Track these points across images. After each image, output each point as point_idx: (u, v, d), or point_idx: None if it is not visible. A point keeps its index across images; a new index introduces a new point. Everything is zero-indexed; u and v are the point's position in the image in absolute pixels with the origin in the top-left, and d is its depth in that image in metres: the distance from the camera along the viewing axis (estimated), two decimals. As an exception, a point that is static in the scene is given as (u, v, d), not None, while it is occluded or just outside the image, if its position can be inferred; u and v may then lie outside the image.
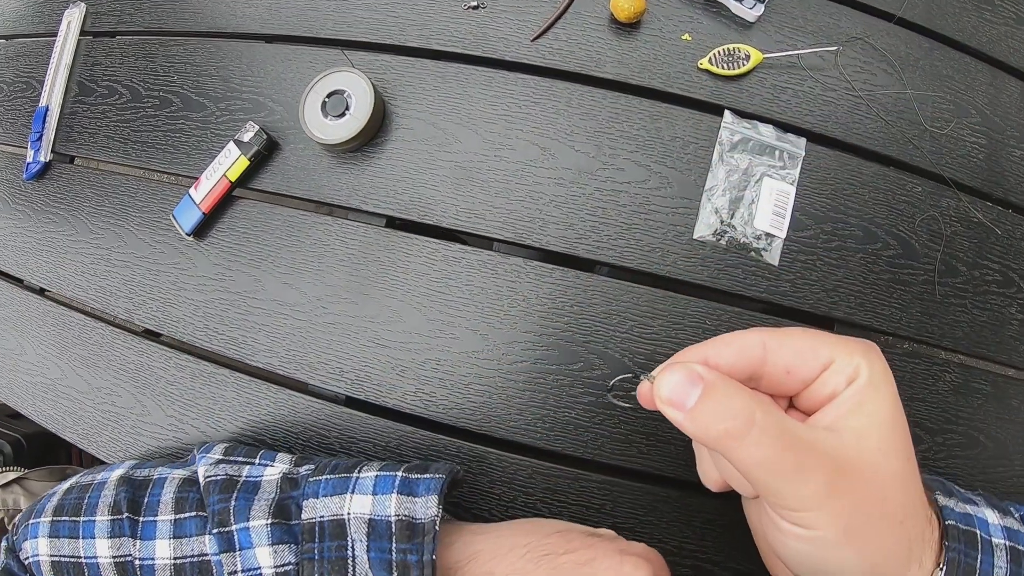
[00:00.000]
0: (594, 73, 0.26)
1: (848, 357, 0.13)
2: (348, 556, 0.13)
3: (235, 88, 0.28)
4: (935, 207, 0.26)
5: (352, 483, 0.15)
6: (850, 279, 0.25)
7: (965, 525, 0.15)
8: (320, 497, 0.15)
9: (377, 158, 0.26)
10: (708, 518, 0.23)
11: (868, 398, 0.13)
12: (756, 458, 0.12)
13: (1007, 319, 0.26)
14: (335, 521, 0.14)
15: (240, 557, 0.15)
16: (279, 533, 0.15)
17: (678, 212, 0.25)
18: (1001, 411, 0.25)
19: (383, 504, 0.14)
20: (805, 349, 0.13)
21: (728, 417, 0.12)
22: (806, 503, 0.12)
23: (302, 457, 0.18)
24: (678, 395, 0.12)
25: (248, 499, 0.15)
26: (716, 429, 0.12)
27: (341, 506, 0.14)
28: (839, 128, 0.26)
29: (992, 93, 0.27)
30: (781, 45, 0.26)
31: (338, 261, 0.26)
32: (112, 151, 0.30)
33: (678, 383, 0.12)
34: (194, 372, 0.26)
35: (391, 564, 0.13)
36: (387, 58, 0.27)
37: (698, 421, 0.12)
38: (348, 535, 0.14)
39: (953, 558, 0.14)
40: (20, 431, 0.43)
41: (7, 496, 0.38)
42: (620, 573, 0.14)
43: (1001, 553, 0.15)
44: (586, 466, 0.23)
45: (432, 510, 0.14)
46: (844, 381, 0.13)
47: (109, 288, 0.29)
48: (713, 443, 0.12)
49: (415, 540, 0.13)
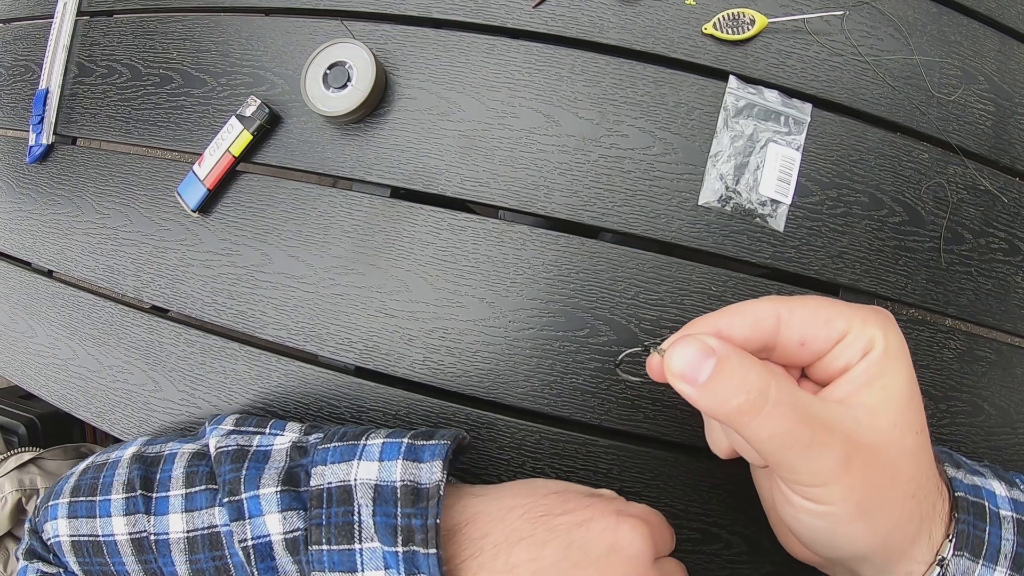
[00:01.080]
0: (597, 39, 0.26)
1: (863, 328, 0.13)
2: (354, 521, 0.13)
3: (235, 63, 0.29)
4: (941, 174, 0.26)
5: (359, 450, 0.15)
6: (855, 245, 0.25)
7: (974, 497, 0.15)
8: (328, 464, 0.15)
9: (380, 129, 0.27)
10: (714, 482, 0.23)
11: (882, 372, 0.13)
12: (769, 432, 0.12)
13: (1013, 287, 0.26)
14: (342, 487, 0.14)
15: (250, 525, 0.15)
16: (288, 500, 0.15)
17: (683, 178, 0.25)
18: (1005, 379, 0.25)
19: (389, 470, 0.14)
20: (819, 320, 0.13)
21: (742, 391, 0.12)
22: (819, 478, 0.12)
23: (312, 426, 0.19)
24: (690, 369, 0.12)
25: (259, 468, 0.16)
26: (730, 404, 0.12)
27: (348, 472, 0.14)
28: (845, 94, 0.26)
29: (1001, 60, 0.27)
30: (787, 9, 0.26)
31: (344, 233, 0.26)
32: (114, 131, 0.31)
33: (690, 356, 0.12)
34: (204, 347, 0.27)
35: (396, 528, 0.13)
36: (388, 27, 0.27)
37: (711, 395, 0.12)
38: (355, 500, 0.14)
39: (963, 530, 0.14)
40: (34, 412, 0.44)
41: (24, 476, 0.39)
42: (616, 534, 0.14)
43: (1009, 525, 0.15)
44: (593, 431, 0.24)
45: (436, 475, 0.14)
46: (858, 353, 0.13)
47: (117, 267, 0.29)
48: (725, 418, 0.12)
49: (419, 505, 0.13)
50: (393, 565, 0.13)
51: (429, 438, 0.15)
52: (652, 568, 0.14)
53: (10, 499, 0.39)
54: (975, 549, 0.14)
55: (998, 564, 0.14)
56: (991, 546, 0.14)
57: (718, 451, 0.17)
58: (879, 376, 0.13)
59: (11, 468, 0.40)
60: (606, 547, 0.14)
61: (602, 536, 0.14)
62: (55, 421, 0.45)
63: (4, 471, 0.40)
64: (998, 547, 0.14)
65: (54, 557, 0.17)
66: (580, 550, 0.13)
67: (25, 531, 0.18)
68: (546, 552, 0.13)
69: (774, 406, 0.12)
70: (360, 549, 0.14)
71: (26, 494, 0.39)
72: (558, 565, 0.13)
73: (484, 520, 0.15)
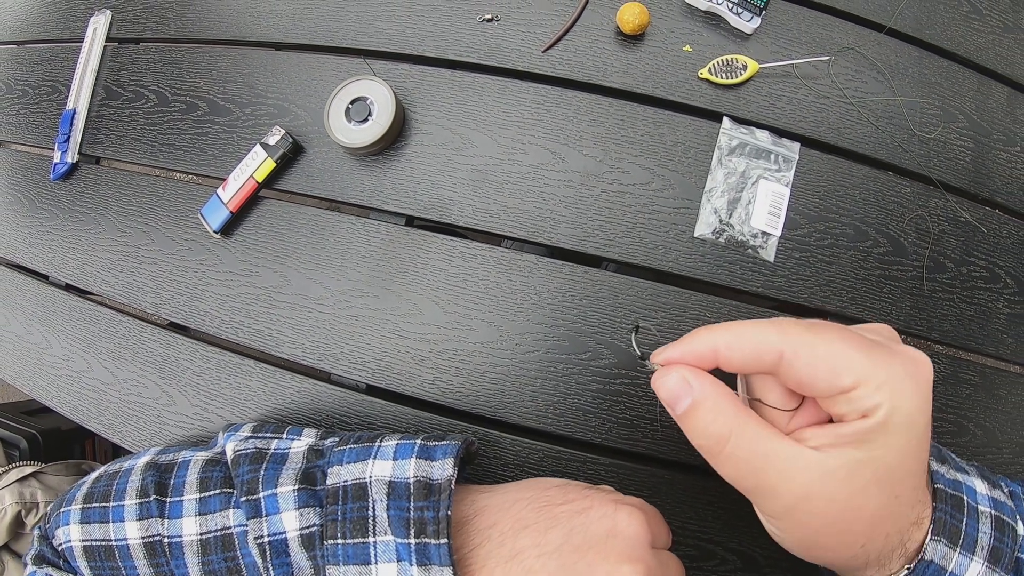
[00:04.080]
0: (601, 82, 0.29)
1: (874, 392, 0.12)
2: (368, 516, 0.14)
3: (261, 94, 0.32)
4: (923, 207, 0.29)
5: (374, 450, 0.16)
6: (842, 275, 0.28)
7: (953, 490, 0.16)
8: (344, 464, 0.16)
9: (397, 161, 0.29)
10: (710, 500, 0.26)
11: (870, 442, 0.13)
12: (725, 473, 0.14)
13: (994, 313, 0.29)
14: (357, 484, 0.15)
15: (266, 522, 0.15)
16: (305, 497, 0.16)
17: (680, 212, 0.28)
18: (989, 401, 0.28)
19: (402, 468, 0.15)
20: (825, 371, 0.13)
21: (704, 436, 0.14)
22: (772, 513, 0.14)
23: (327, 431, 0.20)
24: (671, 398, 0.14)
25: (277, 469, 0.17)
26: (695, 440, 0.14)
27: (363, 471, 0.15)
28: (831, 133, 0.29)
29: (979, 99, 0.30)
30: (777, 55, 0.29)
31: (360, 258, 0.29)
32: (139, 153, 0.34)
33: (672, 386, 0.14)
34: (220, 363, 0.29)
35: (409, 521, 0.14)
36: (407, 67, 0.30)
37: (684, 426, 0.14)
38: (369, 496, 0.14)
39: (940, 518, 0.15)
40: (36, 428, 0.46)
41: (24, 489, 0.41)
42: (614, 520, 0.15)
43: (987, 520, 0.16)
44: (594, 450, 0.26)
45: (448, 471, 0.15)
46: (856, 414, 0.13)
47: (136, 283, 0.32)
48: (695, 446, 0.14)
49: (431, 498, 0.14)
50: (405, 557, 0.14)
51: (440, 439, 0.16)
52: (649, 553, 0.15)
53: (10, 511, 0.40)
54: (952, 537, 0.15)
55: (975, 554, 0.15)
56: (968, 536, 0.15)
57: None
58: (864, 444, 0.13)
59: (12, 480, 0.41)
60: (605, 531, 0.15)
61: (601, 522, 0.15)
62: (57, 438, 0.47)
63: (5, 483, 0.41)
64: (975, 538, 0.15)
65: (64, 563, 0.17)
66: (581, 535, 0.15)
67: (34, 537, 0.19)
68: (549, 537, 0.14)
69: (728, 456, 0.14)
70: (374, 542, 0.14)
71: (26, 507, 0.41)
72: (560, 549, 0.14)
73: (491, 511, 0.16)
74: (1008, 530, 0.16)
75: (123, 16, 0.36)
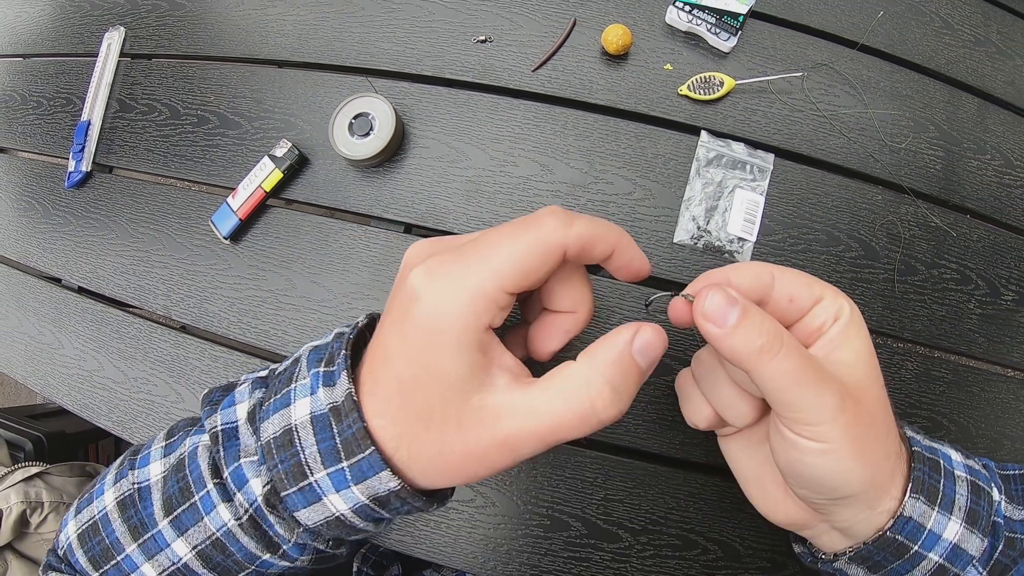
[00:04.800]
0: (587, 99, 0.31)
1: (834, 297, 0.16)
2: (302, 460, 0.14)
3: (268, 109, 0.34)
4: (894, 213, 0.31)
5: (292, 394, 0.15)
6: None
7: (930, 454, 0.17)
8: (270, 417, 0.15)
9: (397, 173, 0.32)
10: (692, 491, 0.27)
11: (852, 335, 0.15)
12: (786, 369, 0.14)
13: (966, 313, 0.30)
14: (285, 431, 0.14)
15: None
16: (257, 384, 0.16)
17: (660, 220, 0.30)
18: (963, 397, 0.29)
19: (318, 401, 0.14)
20: (802, 283, 0.16)
21: (763, 334, 0.14)
22: (823, 415, 0.14)
23: (258, 380, 0.17)
24: (720, 314, 0.14)
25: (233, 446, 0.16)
26: (753, 344, 0.14)
27: (288, 417, 0.14)
28: (805, 144, 0.31)
29: (950, 110, 0.33)
30: (753, 72, 0.32)
31: (362, 263, 0.31)
32: (152, 163, 0.36)
33: (719, 303, 0.14)
34: (227, 362, 0.31)
35: (337, 449, 0.14)
36: (406, 85, 0.33)
37: (736, 337, 0.14)
38: (296, 441, 0.14)
39: (918, 476, 0.16)
40: (41, 430, 0.48)
41: (30, 489, 0.43)
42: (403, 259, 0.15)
43: (963, 484, 0.17)
44: (580, 443, 0.28)
45: (345, 387, 0.14)
46: (831, 317, 0.16)
47: (147, 287, 0.34)
48: (746, 358, 0.14)
49: (343, 421, 0.14)
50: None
51: (332, 361, 0.15)
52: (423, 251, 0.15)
53: (15, 510, 0.42)
54: (930, 495, 0.16)
55: (952, 514, 0.16)
56: (946, 496, 0.16)
57: (698, 421, 0.19)
58: (850, 338, 0.15)
59: (17, 480, 0.43)
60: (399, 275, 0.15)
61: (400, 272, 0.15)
62: (62, 441, 0.49)
63: (10, 483, 0.43)
64: (952, 499, 0.16)
65: (67, 565, 0.18)
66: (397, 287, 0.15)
67: (46, 551, 0.20)
68: (389, 307, 0.15)
69: (788, 347, 0.14)
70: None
71: (31, 507, 0.42)
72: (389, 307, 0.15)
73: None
74: (984, 495, 0.17)
75: (136, 33, 0.39)
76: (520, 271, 0.14)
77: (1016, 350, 0.31)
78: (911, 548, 0.16)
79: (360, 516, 0.15)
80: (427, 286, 0.14)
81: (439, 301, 0.13)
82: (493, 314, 0.14)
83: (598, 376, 0.14)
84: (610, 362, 0.14)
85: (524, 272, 0.14)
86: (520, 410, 0.13)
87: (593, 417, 0.14)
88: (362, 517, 0.15)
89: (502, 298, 0.14)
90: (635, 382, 0.14)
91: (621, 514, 0.27)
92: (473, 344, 0.13)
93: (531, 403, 0.13)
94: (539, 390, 0.14)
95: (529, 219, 0.14)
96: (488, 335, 0.14)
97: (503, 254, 0.14)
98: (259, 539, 0.16)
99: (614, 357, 0.14)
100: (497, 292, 0.13)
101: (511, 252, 0.14)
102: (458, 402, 0.13)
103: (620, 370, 0.14)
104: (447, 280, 0.14)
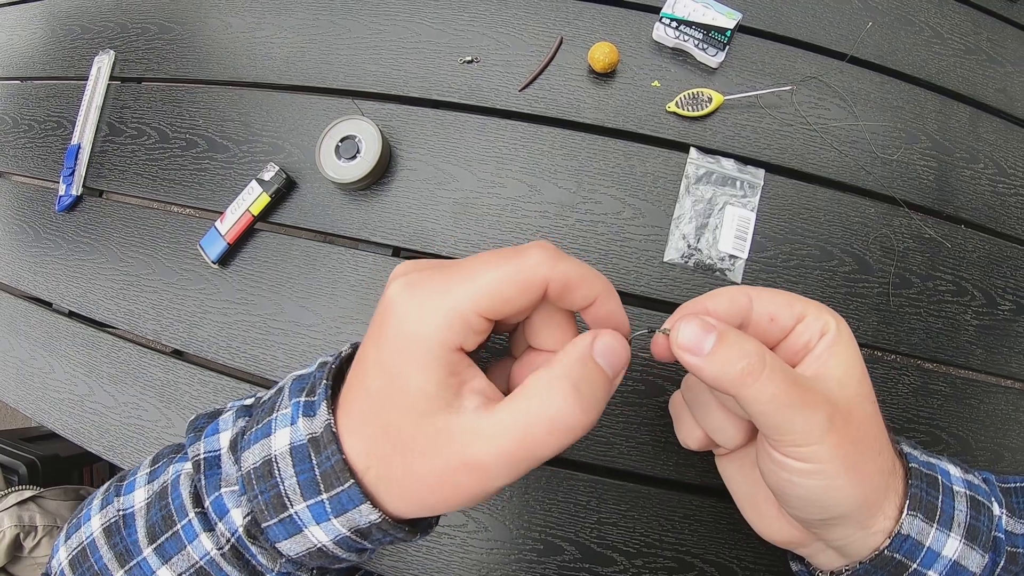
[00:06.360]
0: (575, 118, 0.32)
1: (818, 313, 0.16)
2: (281, 492, 0.14)
3: (256, 132, 0.35)
4: (888, 226, 0.31)
5: (272, 424, 0.15)
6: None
7: (927, 470, 0.17)
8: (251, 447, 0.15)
9: (384, 195, 0.32)
10: (686, 513, 0.28)
11: (839, 351, 0.15)
12: (770, 393, 0.14)
13: (962, 325, 0.30)
14: (265, 461, 0.14)
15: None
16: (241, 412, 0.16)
17: (650, 239, 0.30)
18: (961, 410, 0.29)
19: (297, 432, 0.14)
20: (783, 302, 0.16)
21: (743, 357, 0.14)
22: (811, 436, 0.14)
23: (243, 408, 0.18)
24: (695, 342, 0.14)
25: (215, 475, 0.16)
26: (734, 368, 0.14)
27: (268, 448, 0.15)
28: (795, 159, 0.32)
29: (942, 119, 0.33)
30: (742, 87, 0.32)
31: (350, 287, 0.31)
32: (141, 187, 0.37)
33: (694, 331, 0.15)
34: (217, 387, 0.32)
35: (317, 481, 0.14)
36: (393, 107, 0.33)
37: (716, 363, 0.14)
38: (276, 473, 0.14)
39: (915, 494, 0.16)
40: (35, 454, 0.48)
41: (23, 513, 0.43)
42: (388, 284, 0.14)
43: (962, 499, 0.16)
44: (574, 467, 0.28)
45: (324, 418, 0.14)
46: (817, 334, 0.16)
47: (137, 311, 0.34)
48: (729, 383, 0.14)
49: (322, 453, 0.14)
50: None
51: (312, 391, 0.15)
52: (409, 269, 0.15)
53: (8, 534, 0.42)
54: (928, 512, 0.16)
55: (952, 531, 0.16)
56: (944, 513, 0.16)
57: (691, 442, 0.19)
58: (837, 354, 0.15)
59: (11, 504, 0.44)
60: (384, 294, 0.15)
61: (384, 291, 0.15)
62: (56, 464, 0.49)
63: (4, 507, 0.43)
64: (951, 515, 0.16)
65: None
66: (378, 306, 0.15)
67: None
68: (369, 332, 0.15)
69: (771, 369, 0.14)
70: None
71: (24, 530, 0.43)
72: (372, 325, 0.15)
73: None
74: (984, 510, 0.17)
75: (126, 56, 0.40)
76: (498, 297, 0.14)
77: (1014, 360, 0.31)
78: (910, 566, 0.16)
79: (342, 547, 0.15)
80: (405, 298, 0.14)
81: (413, 314, 0.14)
82: (466, 336, 0.14)
83: (560, 379, 0.13)
84: (571, 363, 0.14)
85: (502, 299, 0.14)
86: (485, 431, 0.13)
87: (560, 422, 0.13)
88: (344, 548, 0.15)
89: (477, 322, 0.14)
90: (602, 388, 0.14)
91: (615, 537, 0.27)
92: (442, 361, 0.13)
93: (498, 422, 0.13)
94: (503, 407, 0.13)
95: (517, 249, 0.14)
96: (459, 356, 0.14)
97: (484, 278, 0.14)
98: (242, 568, 0.16)
99: (575, 359, 0.14)
100: (472, 315, 0.13)
101: (492, 278, 0.14)
102: (422, 422, 0.13)
103: (583, 372, 0.14)
104: (424, 294, 0.14)
